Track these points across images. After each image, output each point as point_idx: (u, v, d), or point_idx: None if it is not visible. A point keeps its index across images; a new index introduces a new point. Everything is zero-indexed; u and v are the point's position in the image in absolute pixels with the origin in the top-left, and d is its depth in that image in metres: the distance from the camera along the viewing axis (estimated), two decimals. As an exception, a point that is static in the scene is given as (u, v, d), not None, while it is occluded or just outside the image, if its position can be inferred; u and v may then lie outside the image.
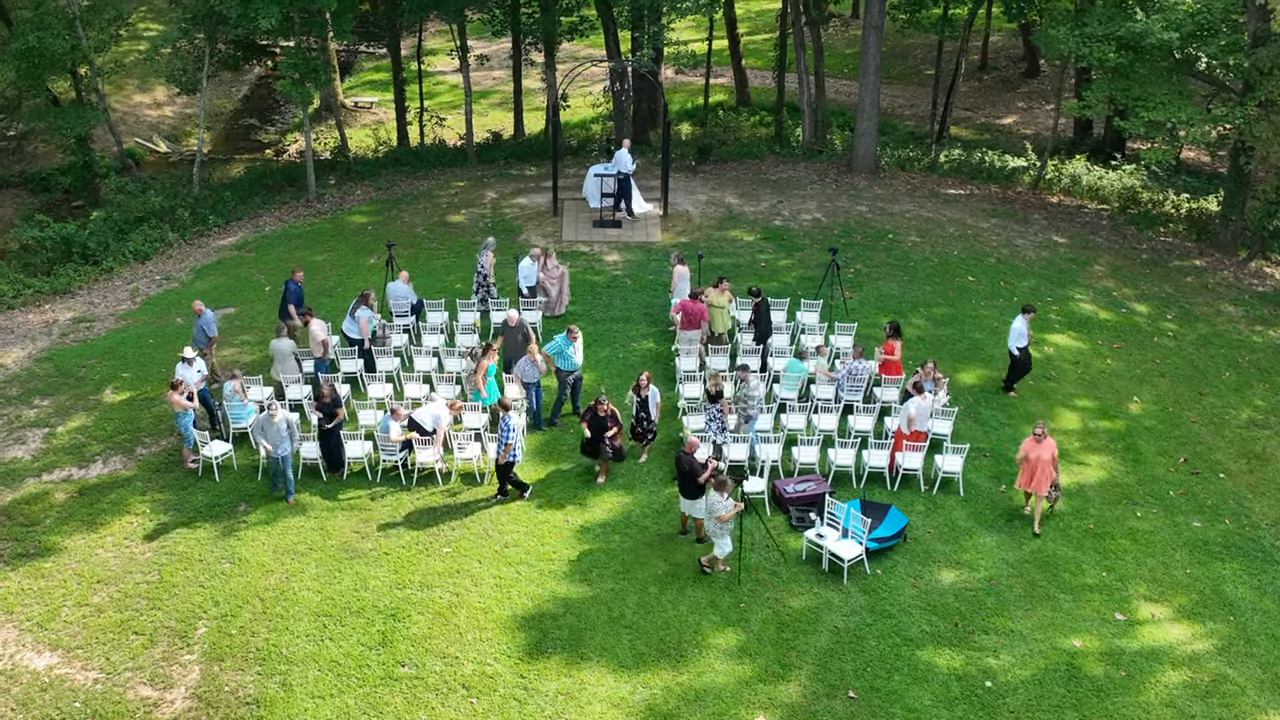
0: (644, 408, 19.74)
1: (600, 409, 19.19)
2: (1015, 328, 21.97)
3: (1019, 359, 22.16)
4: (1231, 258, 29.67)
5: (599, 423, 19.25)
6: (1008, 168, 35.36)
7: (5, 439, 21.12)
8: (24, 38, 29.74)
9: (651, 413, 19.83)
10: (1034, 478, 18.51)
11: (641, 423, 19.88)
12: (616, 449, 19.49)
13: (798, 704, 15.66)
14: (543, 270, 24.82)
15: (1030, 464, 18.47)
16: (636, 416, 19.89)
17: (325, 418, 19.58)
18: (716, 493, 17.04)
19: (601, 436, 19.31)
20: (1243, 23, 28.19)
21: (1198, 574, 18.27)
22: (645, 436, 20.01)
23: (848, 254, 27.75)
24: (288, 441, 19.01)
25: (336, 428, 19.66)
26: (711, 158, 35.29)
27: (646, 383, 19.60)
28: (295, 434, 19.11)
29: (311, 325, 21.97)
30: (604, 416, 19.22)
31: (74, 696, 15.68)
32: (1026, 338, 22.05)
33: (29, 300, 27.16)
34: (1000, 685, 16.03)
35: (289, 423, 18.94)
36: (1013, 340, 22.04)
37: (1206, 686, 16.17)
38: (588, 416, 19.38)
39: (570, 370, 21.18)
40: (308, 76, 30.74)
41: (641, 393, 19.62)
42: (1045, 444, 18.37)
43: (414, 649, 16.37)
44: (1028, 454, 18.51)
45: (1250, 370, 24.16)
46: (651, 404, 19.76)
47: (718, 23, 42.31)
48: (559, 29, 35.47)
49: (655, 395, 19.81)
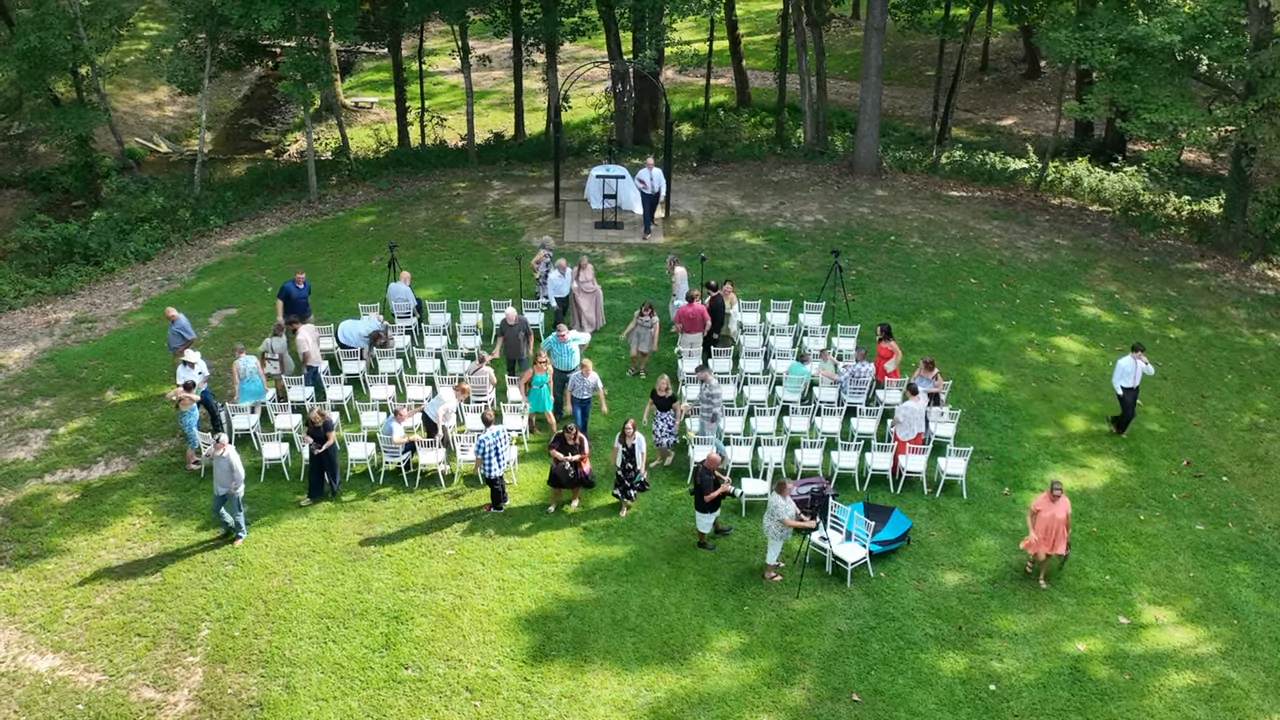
0: (630, 457, 18.55)
1: (569, 437, 18.60)
2: (1121, 365, 20.86)
3: (1124, 399, 20.94)
4: (1233, 260, 29.66)
5: (568, 451, 18.64)
6: (1009, 169, 35.36)
7: (7, 440, 21.10)
8: (25, 38, 29.72)
9: (638, 463, 18.60)
10: (1048, 538, 17.26)
11: (628, 474, 18.66)
12: (585, 476, 18.83)
13: (801, 707, 15.64)
14: (576, 281, 23.77)
15: (1044, 523, 17.17)
16: (622, 467, 18.62)
17: (316, 442, 18.97)
18: (779, 496, 17.07)
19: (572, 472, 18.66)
20: (1244, 25, 28.21)
21: (1201, 577, 18.27)
22: (630, 490, 18.81)
23: (850, 256, 27.74)
24: (229, 480, 17.92)
25: (328, 452, 19.10)
26: (713, 159, 35.27)
27: (632, 431, 18.37)
28: (238, 476, 17.90)
29: (300, 333, 21.67)
30: (573, 445, 18.62)
31: (77, 699, 15.66)
32: (1134, 378, 20.79)
33: (30, 300, 27.13)
34: (1004, 689, 16.02)
35: (232, 464, 17.82)
36: (1117, 378, 20.92)
37: (1211, 690, 16.16)
38: (556, 445, 18.70)
39: (568, 370, 21.10)
40: (309, 77, 30.73)
41: (627, 441, 18.42)
42: (1061, 503, 17.15)
43: (417, 651, 16.35)
44: (1040, 511, 17.22)
45: (1252, 373, 24.16)
46: (638, 453, 18.55)
47: (718, 23, 42.28)
48: (560, 30, 35.45)
49: (641, 444, 18.59)
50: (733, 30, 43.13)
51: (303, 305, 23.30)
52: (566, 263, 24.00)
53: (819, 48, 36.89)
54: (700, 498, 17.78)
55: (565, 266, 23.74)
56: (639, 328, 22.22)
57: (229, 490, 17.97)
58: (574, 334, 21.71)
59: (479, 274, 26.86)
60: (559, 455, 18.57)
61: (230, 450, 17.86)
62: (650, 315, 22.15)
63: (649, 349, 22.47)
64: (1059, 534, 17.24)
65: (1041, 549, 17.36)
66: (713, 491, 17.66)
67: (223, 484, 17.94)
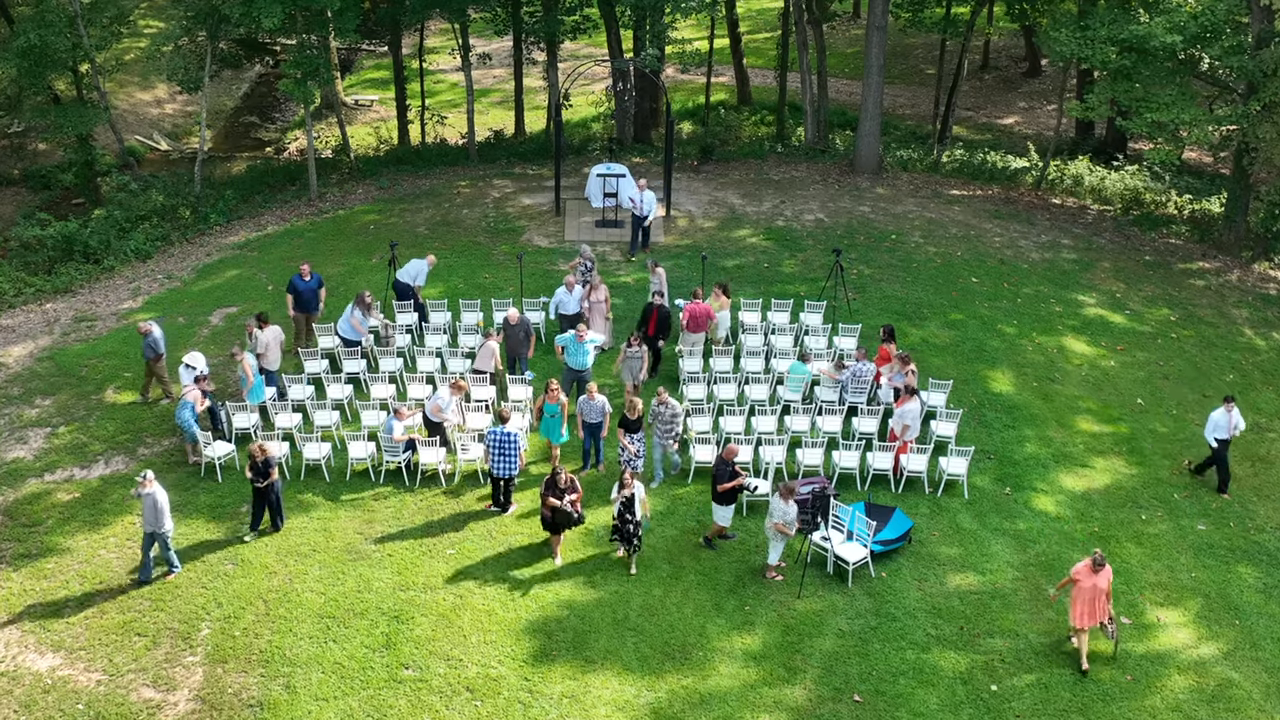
0: (629, 507, 17.50)
1: (560, 479, 17.56)
2: (1213, 418, 19.84)
3: (1217, 453, 19.94)
4: (1235, 260, 29.62)
5: (560, 497, 17.55)
6: (1010, 168, 35.32)
7: (7, 439, 21.06)
8: (25, 35, 29.66)
9: (637, 512, 17.52)
10: (1089, 610, 16.07)
11: (627, 523, 17.56)
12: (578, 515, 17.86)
13: (803, 708, 15.62)
14: (588, 299, 22.90)
15: (1085, 593, 15.97)
16: (620, 517, 17.58)
17: (257, 477, 17.99)
18: (779, 500, 17.04)
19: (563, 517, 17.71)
20: (1246, 24, 28.16)
21: (1203, 578, 18.24)
22: (631, 540, 17.66)
23: (851, 255, 27.70)
24: (153, 518, 17.16)
25: (270, 490, 18.17)
26: (714, 157, 35.22)
27: (630, 480, 17.37)
28: (163, 515, 17.14)
29: (265, 332, 21.33)
30: (564, 489, 17.57)
31: (77, 698, 15.63)
32: (1227, 430, 19.79)
33: (30, 299, 27.08)
34: (1005, 689, 15.99)
35: (156, 501, 17.09)
36: (1209, 431, 19.88)
37: (1213, 691, 16.13)
38: (547, 490, 17.55)
39: (579, 370, 20.99)
40: (310, 75, 30.67)
41: (625, 491, 17.39)
42: (1103, 573, 15.95)
43: (418, 651, 16.32)
44: (1080, 581, 16.01)
45: (1254, 373, 24.13)
46: (637, 502, 17.45)
47: (719, 21, 42.23)
48: (561, 28, 35.41)
49: (640, 491, 17.53)
50: (733, 28, 43.08)
51: (310, 298, 23.19)
52: (575, 280, 23.42)
53: (820, 46, 36.85)
54: (715, 488, 17.76)
55: (574, 284, 23.07)
56: (628, 359, 21.18)
57: (154, 529, 17.19)
58: (592, 335, 21.36)
59: (480, 273, 26.82)
60: (553, 501, 17.50)
61: (156, 487, 17.16)
62: (638, 345, 21.14)
63: (643, 379, 21.31)
64: (1101, 605, 16.05)
65: (1084, 622, 16.07)
66: (728, 482, 17.62)
67: (148, 522, 17.16)
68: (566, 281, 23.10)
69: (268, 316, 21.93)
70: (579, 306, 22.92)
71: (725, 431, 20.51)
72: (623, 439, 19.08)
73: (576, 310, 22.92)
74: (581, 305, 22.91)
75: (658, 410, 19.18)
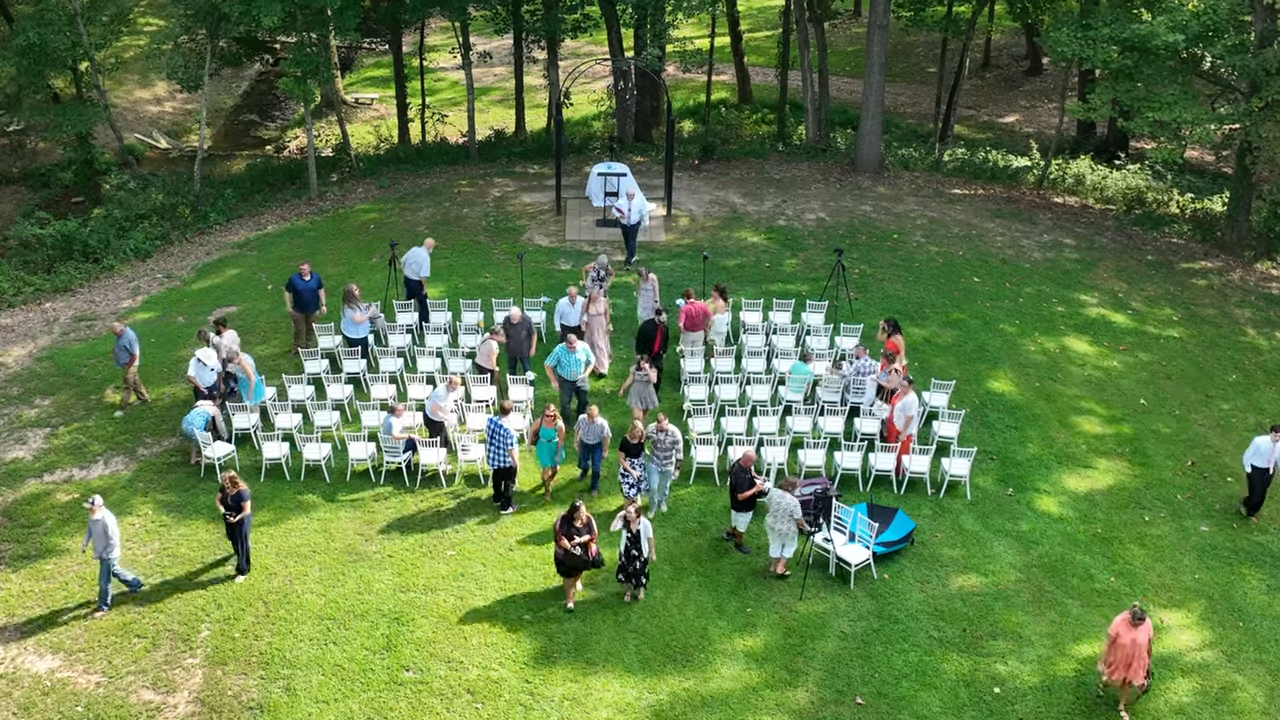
0: (635, 544, 16.77)
1: (576, 519, 16.65)
2: (1256, 444, 19.15)
3: (1253, 480, 19.31)
4: (1237, 259, 29.55)
5: (575, 535, 16.61)
6: (1012, 167, 35.24)
7: (6, 439, 20.99)
8: (25, 34, 29.61)
9: (644, 549, 16.79)
10: (1127, 665, 15.28)
11: (633, 560, 16.88)
12: (595, 558, 16.94)
13: (805, 710, 15.55)
14: (588, 314, 22.20)
15: (1124, 649, 15.22)
16: (627, 553, 16.85)
17: (229, 510, 17.23)
18: (782, 492, 17.01)
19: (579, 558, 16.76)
20: (1249, 22, 28.08)
21: (1206, 579, 18.18)
22: (637, 577, 17.01)
23: (853, 254, 27.62)
24: (104, 544, 16.66)
25: (242, 524, 17.36)
26: (715, 156, 35.14)
27: (636, 515, 16.63)
28: (113, 540, 16.67)
29: (222, 337, 20.83)
30: (580, 527, 16.66)
31: (76, 700, 15.56)
32: (1269, 460, 19.07)
33: (29, 298, 27.01)
34: (1009, 692, 15.93)
35: (106, 526, 16.58)
36: (1249, 456, 19.25)
37: (1216, 694, 16.07)
38: (562, 529, 16.65)
39: (573, 379, 20.66)
40: (310, 73, 30.59)
41: (632, 527, 16.63)
42: (1143, 627, 15.20)
43: (418, 653, 16.25)
44: (1118, 637, 15.29)
45: (1257, 373, 24.06)
46: (644, 539, 16.74)
47: (720, 19, 42.15)
48: (562, 27, 35.32)
49: (648, 529, 16.78)
50: (734, 26, 43.00)
51: (310, 298, 23.10)
52: (577, 291, 22.82)
53: (821, 44, 36.76)
54: (735, 496, 17.70)
55: (575, 295, 22.55)
56: (637, 383, 20.24)
57: (105, 555, 16.71)
58: (584, 345, 20.86)
59: (480, 272, 26.74)
60: (565, 544, 16.60)
61: (105, 513, 16.67)
62: (648, 367, 20.24)
63: (652, 404, 20.40)
64: (1140, 662, 15.27)
65: (1118, 674, 15.37)
66: (747, 490, 17.56)
67: (99, 549, 16.70)
68: (569, 292, 22.62)
69: (226, 321, 21.64)
70: (580, 319, 22.43)
71: (727, 432, 20.43)
72: (623, 462, 18.62)
73: (577, 323, 22.43)
74: (581, 320, 22.34)
75: (658, 438, 18.48)
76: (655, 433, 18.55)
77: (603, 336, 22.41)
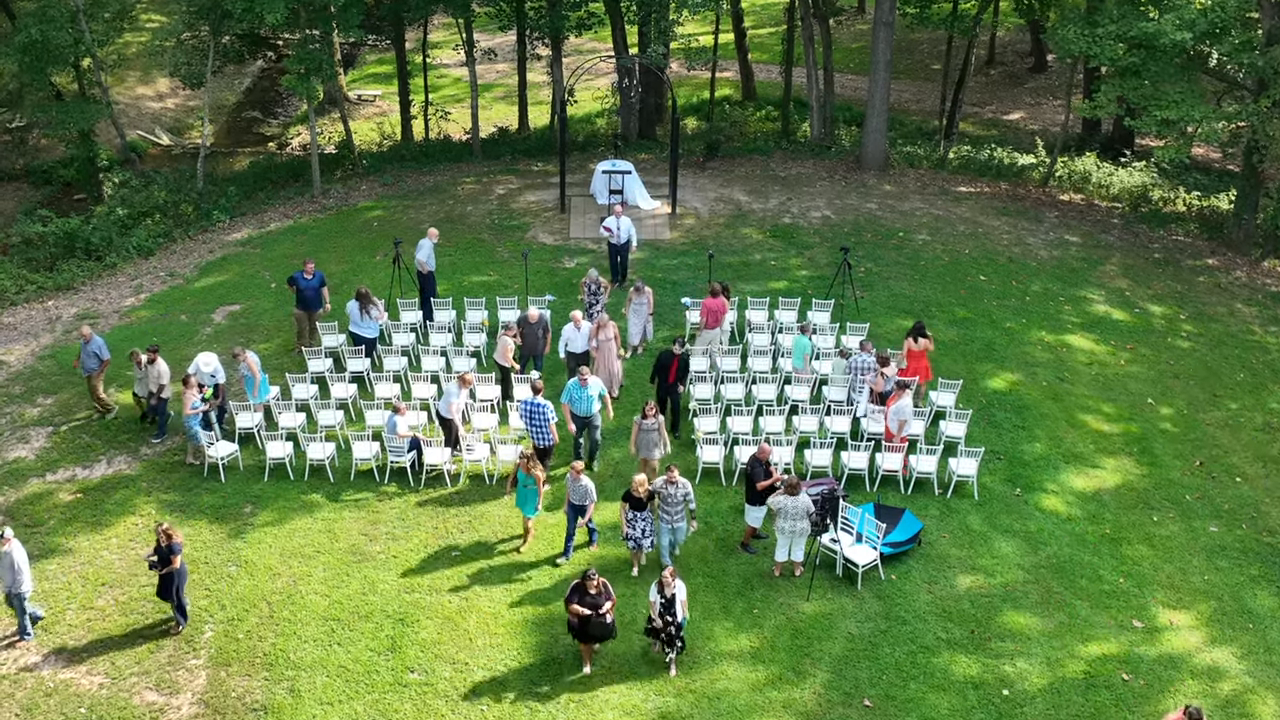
0: (669, 609, 15.68)
1: (590, 585, 15.58)
2: None
3: None
4: (1245, 257, 29.41)
5: (590, 603, 15.58)
6: (1017, 165, 35.11)
7: (9, 438, 20.91)
8: (27, 30, 29.51)
9: (678, 613, 15.68)
10: None
11: (667, 625, 15.71)
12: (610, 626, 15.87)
13: (812, 712, 15.46)
14: (595, 340, 21.17)
15: None
16: (661, 617, 15.71)
17: (159, 563, 16.23)
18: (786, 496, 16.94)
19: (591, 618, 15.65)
20: (1257, 20, 27.93)
21: (1216, 580, 18.07)
22: (674, 642, 15.84)
23: (858, 252, 27.50)
24: (11, 578, 15.94)
25: (171, 577, 16.25)
26: (719, 154, 35.01)
27: (671, 578, 15.59)
28: (20, 575, 15.95)
29: (155, 365, 20.21)
30: (595, 594, 15.60)
31: (79, 702, 15.49)
32: None
33: (31, 296, 26.92)
34: (1017, 693, 15.83)
35: (14, 559, 15.89)
36: None
37: (1226, 696, 15.97)
38: (574, 599, 15.60)
39: (587, 415, 19.54)
40: (313, 70, 30.48)
41: (666, 591, 15.60)
42: None
43: (423, 654, 16.17)
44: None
45: (1265, 373, 23.93)
46: (678, 602, 15.67)
47: (724, 16, 42.01)
48: (565, 24, 35.20)
49: (682, 592, 15.78)
50: (738, 23, 42.86)
51: (312, 297, 22.98)
52: (581, 315, 21.46)
53: (825, 41, 36.62)
54: (751, 487, 17.58)
55: (580, 320, 21.23)
56: (643, 432, 18.73)
57: (12, 590, 16.03)
58: (596, 380, 19.78)
59: (484, 270, 26.64)
60: (581, 611, 15.55)
61: (14, 545, 15.97)
62: (654, 417, 18.72)
63: (662, 453, 19.05)
64: None
65: None
66: (764, 480, 17.45)
67: (6, 583, 16.00)
68: (573, 317, 21.21)
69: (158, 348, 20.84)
70: (587, 345, 21.28)
71: (732, 432, 20.33)
72: (624, 514, 17.36)
73: (584, 349, 21.24)
74: (590, 345, 21.30)
75: (667, 491, 17.09)
76: (664, 485, 17.13)
77: (615, 361, 21.46)
